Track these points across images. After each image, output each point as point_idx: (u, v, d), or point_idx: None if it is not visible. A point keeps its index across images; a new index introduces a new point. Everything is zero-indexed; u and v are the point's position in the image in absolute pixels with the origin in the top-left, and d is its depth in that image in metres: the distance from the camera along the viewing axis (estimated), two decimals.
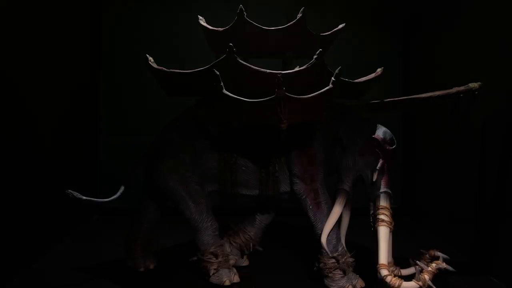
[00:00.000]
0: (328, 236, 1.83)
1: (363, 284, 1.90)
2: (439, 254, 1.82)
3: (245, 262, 2.18)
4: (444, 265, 1.74)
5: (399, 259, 1.89)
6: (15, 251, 1.96)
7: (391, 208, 1.83)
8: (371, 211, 1.88)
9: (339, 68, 1.67)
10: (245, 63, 1.77)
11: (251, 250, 2.18)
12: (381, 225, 1.79)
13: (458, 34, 2.50)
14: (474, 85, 1.96)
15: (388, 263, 1.77)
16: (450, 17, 2.60)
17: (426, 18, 2.96)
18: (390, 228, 1.80)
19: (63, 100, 2.53)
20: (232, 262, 2.02)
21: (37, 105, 2.19)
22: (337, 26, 2.04)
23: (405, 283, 1.67)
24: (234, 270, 1.96)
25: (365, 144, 1.89)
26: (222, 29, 1.91)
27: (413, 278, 1.69)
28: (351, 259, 1.88)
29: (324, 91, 1.65)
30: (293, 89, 1.74)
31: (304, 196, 1.89)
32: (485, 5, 2.23)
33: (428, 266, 1.73)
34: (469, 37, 2.37)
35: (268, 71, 1.75)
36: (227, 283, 1.89)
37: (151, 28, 3.20)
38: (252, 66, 1.75)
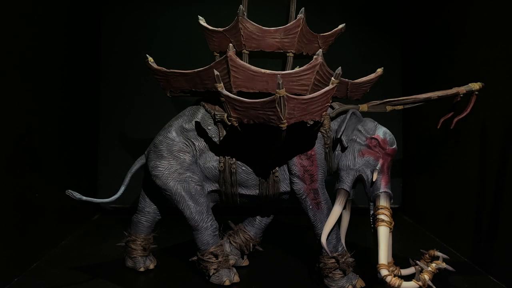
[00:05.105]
0: (328, 236, 1.83)
1: (363, 284, 1.90)
2: (439, 254, 1.82)
3: (245, 262, 2.18)
4: (444, 265, 1.74)
5: (399, 259, 1.89)
6: (15, 251, 1.96)
7: (391, 208, 1.84)
8: (371, 211, 1.88)
9: (339, 68, 1.67)
10: (245, 63, 1.77)
11: (251, 250, 2.18)
12: (381, 225, 1.79)
13: (458, 34, 2.50)
14: (474, 85, 1.96)
15: (388, 263, 1.77)
16: (451, 16, 2.60)
17: (426, 18, 2.96)
18: (390, 228, 1.80)
19: (63, 100, 2.53)
20: (232, 262, 2.02)
21: (37, 105, 2.18)
22: (337, 26, 2.04)
23: (405, 283, 1.67)
24: (234, 270, 1.96)
25: (365, 144, 1.89)
26: (222, 29, 1.91)
27: (413, 278, 1.69)
28: (351, 259, 1.88)
29: (324, 91, 1.65)
30: (293, 89, 1.75)
31: (304, 196, 1.89)
32: (486, 5, 2.23)
33: (428, 266, 1.73)
34: (469, 37, 2.37)
35: (268, 71, 1.75)
36: (227, 283, 1.90)
37: (151, 28, 3.20)
38: (252, 66, 1.75)
